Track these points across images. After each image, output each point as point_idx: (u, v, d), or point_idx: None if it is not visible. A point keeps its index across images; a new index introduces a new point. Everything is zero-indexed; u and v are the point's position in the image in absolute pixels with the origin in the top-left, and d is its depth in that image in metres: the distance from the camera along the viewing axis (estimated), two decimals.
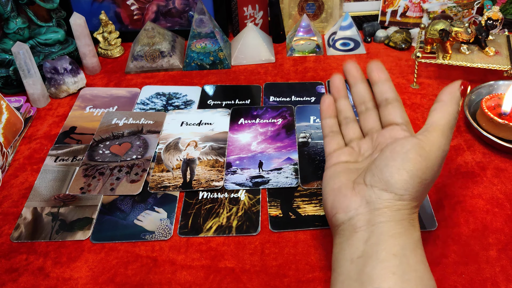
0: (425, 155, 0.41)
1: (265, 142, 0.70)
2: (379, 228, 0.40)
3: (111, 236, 0.57)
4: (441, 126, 0.42)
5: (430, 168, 0.41)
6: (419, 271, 0.38)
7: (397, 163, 0.41)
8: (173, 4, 0.95)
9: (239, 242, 0.56)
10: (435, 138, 0.41)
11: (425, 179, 0.41)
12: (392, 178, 0.40)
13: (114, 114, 0.77)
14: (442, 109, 0.43)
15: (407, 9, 0.94)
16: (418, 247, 0.40)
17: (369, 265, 0.38)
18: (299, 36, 0.90)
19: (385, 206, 0.41)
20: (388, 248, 0.38)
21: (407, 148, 0.41)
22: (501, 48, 0.77)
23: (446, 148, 0.42)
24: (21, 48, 0.75)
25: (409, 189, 0.40)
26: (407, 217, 0.40)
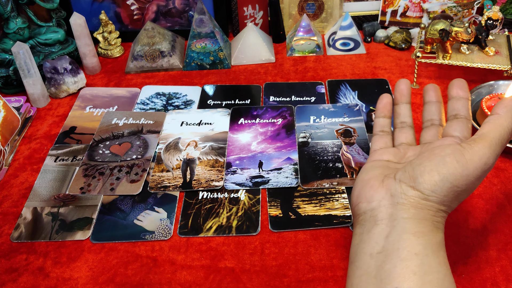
0: (463, 162, 0.39)
1: (265, 142, 0.70)
2: (401, 224, 0.39)
3: (111, 236, 0.57)
4: (489, 138, 0.41)
5: (466, 177, 0.39)
6: (441, 273, 0.37)
7: (431, 164, 0.40)
8: (173, 4, 0.95)
9: (239, 242, 0.56)
10: (479, 149, 0.40)
11: (457, 186, 0.39)
12: (422, 176, 0.40)
13: (114, 114, 0.77)
14: (495, 122, 0.42)
15: (407, 9, 0.94)
16: (441, 249, 0.39)
17: (389, 262, 0.38)
18: (299, 36, 0.90)
19: (409, 202, 0.40)
20: (410, 247, 0.38)
21: (446, 153, 0.40)
22: (501, 48, 0.77)
23: (489, 161, 0.40)
24: (21, 48, 0.75)
25: (437, 191, 0.39)
26: (430, 217, 0.40)
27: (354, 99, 0.78)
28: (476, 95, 0.73)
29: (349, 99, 0.78)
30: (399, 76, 0.83)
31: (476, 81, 0.78)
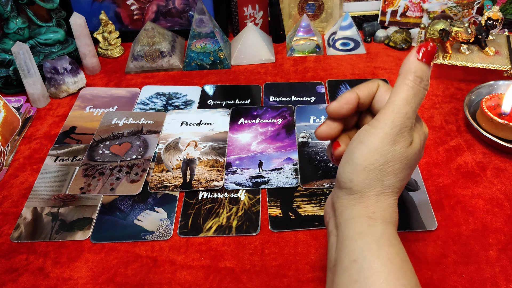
0: (368, 139, 0.37)
1: (265, 142, 0.70)
2: (342, 231, 0.38)
3: (111, 236, 0.57)
4: (391, 103, 0.38)
5: (375, 151, 0.37)
6: (384, 272, 0.35)
7: (344, 157, 0.39)
8: (173, 4, 0.95)
9: (239, 242, 0.56)
10: (383, 117, 0.37)
11: (371, 164, 0.37)
12: (339, 174, 0.39)
13: (114, 114, 0.77)
14: (396, 83, 0.38)
15: (407, 9, 0.94)
16: (383, 245, 0.36)
17: (337, 275, 0.37)
18: (299, 36, 0.90)
19: (342, 204, 0.39)
20: (350, 254, 0.37)
21: (354, 138, 0.39)
22: (501, 48, 0.77)
23: (396, 123, 0.37)
24: (21, 48, 0.75)
25: (354, 179, 0.38)
26: (364, 211, 0.38)
27: None
28: (476, 95, 0.73)
29: None
30: None
31: (476, 81, 0.78)
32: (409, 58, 0.38)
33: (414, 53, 0.38)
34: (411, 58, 0.38)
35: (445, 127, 0.71)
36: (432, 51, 0.38)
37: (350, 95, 0.42)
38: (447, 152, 0.67)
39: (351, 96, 0.42)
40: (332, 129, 0.43)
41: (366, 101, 0.43)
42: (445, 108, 0.75)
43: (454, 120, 0.72)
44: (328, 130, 0.43)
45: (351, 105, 0.42)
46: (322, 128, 0.43)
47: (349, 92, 0.42)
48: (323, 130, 0.43)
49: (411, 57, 0.38)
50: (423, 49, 0.37)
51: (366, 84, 0.43)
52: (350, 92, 0.42)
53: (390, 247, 0.37)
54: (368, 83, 0.43)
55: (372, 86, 0.42)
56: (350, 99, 0.42)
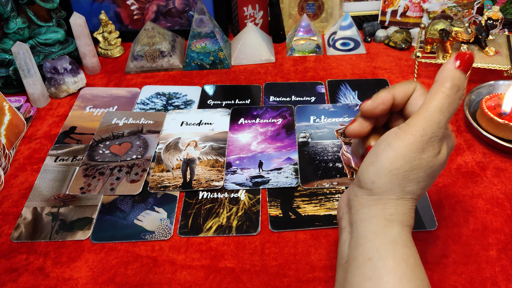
0: (397, 143, 0.37)
1: (265, 142, 0.70)
2: (357, 229, 0.38)
3: (111, 236, 0.57)
4: (425, 109, 0.37)
5: (403, 157, 0.37)
6: (399, 272, 0.35)
7: (368, 158, 0.39)
8: (173, 4, 0.95)
9: (239, 242, 0.56)
10: (415, 123, 0.37)
11: (397, 169, 0.37)
12: (361, 173, 0.39)
13: (114, 114, 0.77)
14: (432, 90, 0.38)
15: (407, 9, 0.94)
16: (398, 246, 0.37)
17: (350, 272, 0.37)
18: (299, 36, 0.90)
19: (359, 203, 0.39)
20: (364, 252, 0.37)
21: (382, 140, 0.39)
22: (501, 48, 0.77)
23: (428, 132, 0.36)
24: (21, 48, 0.75)
25: (377, 181, 0.38)
26: (381, 213, 0.38)
27: (354, 99, 0.78)
28: (476, 95, 0.73)
29: (349, 99, 0.78)
30: (399, 76, 0.83)
31: (476, 81, 0.78)
32: (447, 65, 0.37)
33: (452, 60, 0.37)
34: (449, 65, 0.37)
35: None
36: (470, 60, 0.37)
37: (386, 95, 0.41)
38: None
39: (387, 97, 0.41)
40: (364, 128, 0.42)
41: (401, 103, 0.42)
42: None
43: (454, 120, 0.72)
44: (360, 128, 0.42)
45: (386, 106, 0.41)
46: (354, 126, 0.42)
47: (385, 92, 0.41)
48: (355, 128, 0.42)
49: (449, 64, 0.37)
50: (462, 58, 0.37)
51: (402, 85, 0.42)
52: (386, 92, 0.41)
53: (405, 248, 0.37)
54: (405, 84, 0.42)
55: (408, 88, 0.41)
56: (385, 100, 0.41)
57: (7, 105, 0.70)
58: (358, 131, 0.42)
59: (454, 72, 0.37)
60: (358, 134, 0.43)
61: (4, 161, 0.64)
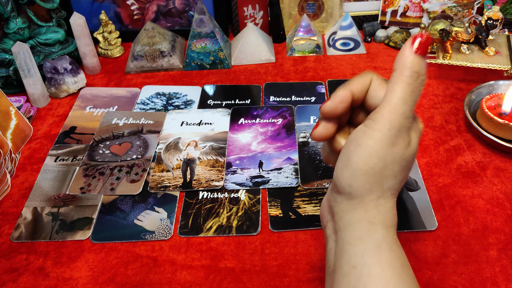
0: (365, 142, 0.35)
1: (265, 142, 0.70)
2: (341, 236, 0.37)
3: (111, 236, 0.57)
4: (388, 101, 0.35)
5: (374, 155, 0.35)
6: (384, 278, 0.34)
7: (341, 161, 0.37)
8: (173, 4, 0.95)
9: (239, 242, 0.56)
10: (380, 117, 0.35)
11: (371, 168, 0.35)
12: (337, 178, 0.37)
13: (114, 114, 0.77)
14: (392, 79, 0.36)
15: (407, 9, 0.94)
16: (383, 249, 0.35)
17: (336, 280, 0.37)
18: (299, 36, 0.90)
19: (340, 209, 0.38)
20: (349, 260, 0.36)
21: (350, 140, 0.37)
22: (501, 48, 0.77)
23: (395, 124, 0.35)
24: (21, 48, 0.75)
25: (353, 184, 0.36)
26: (363, 216, 0.37)
27: None
28: (476, 95, 0.73)
29: None
30: None
31: (476, 81, 0.78)
32: (404, 52, 0.35)
33: (409, 46, 0.35)
34: (406, 52, 0.35)
35: (445, 127, 0.71)
36: (426, 42, 0.35)
37: (344, 93, 0.39)
38: (447, 152, 0.67)
39: (345, 94, 0.39)
40: (329, 130, 0.40)
41: (360, 97, 0.40)
42: (445, 108, 0.75)
43: (454, 120, 0.72)
44: (325, 131, 0.40)
45: (346, 104, 0.39)
46: (318, 130, 0.41)
47: (343, 90, 0.39)
48: (320, 132, 0.40)
49: (406, 50, 0.35)
50: (418, 40, 0.35)
51: (358, 78, 0.40)
52: (344, 89, 0.39)
53: (391, 252, 0.36)
54: (360, 78, 0.40)
55: (364, 80, 0.40)
56: (344, 98, 0.39)
57: (14, 110, 0.70)
58: (324, 134, 0.40)
59: (412, 58, 0.35)
60: (324, 137, 0.41)
61: (10, 165, 0.64)
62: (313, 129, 0.41)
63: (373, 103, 0.40)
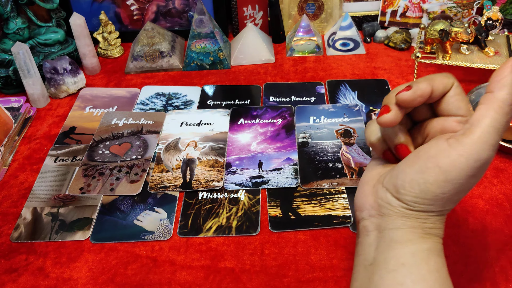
0: (447, 166, 0.34)
1: (265, 142, 0.70)
2: (389, 234, 0.37)
3: (111, 236, 0.57)
4: (480, 128, 0.33)
5: (451, 182, 0.34)
6: (430, 280, 0.35)
7: (412, 171, 0.36)
8: (173, 4, 0.95)
9: (239, 242, 0.56)
10: (469, 144, 0.33)
11: (443, 193, 0.35)
12: (403, 187, 0.36)
13: (114, 114, 0.77)
14: (488, 103, 0.33)
15: (407, 9, 0.94)
16: (431, 255, 0.36)
17: (377, 274, 0.36)
18: (299, 36, 0.90)
19: (394, 213, 0.37)
20: (397, 257, 0.36)
21: (429, 155, 0.35)
22: (501, 48, 0.77)
23: (482, 157, 0.33)
24: (21, 48, 0.75)
25: (419, 202, 0.36)
26: (419, 225, 0.37)
27: (354, 99, 0.78)
28: (476, 95, 0.73)
29: (349, 100, 0.78)
30: (399, 77, 0.83)
31: (476, 81, 0.78)
32: (504, 73, 0.32)
33: (510, 69, 0.32)
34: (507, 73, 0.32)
35: None
36: None
37: (426, 87, 0.37)
38: None
39: (427, 89, 0.37)
40: (398, 118, 0.38)
41: (436, 97, 0.38)
42: None
43: None
44: (395, 118, 0.38)
45: (424, 99, 0.37)
46: (390, 116, 0.38)
47: (426, 84, 0.37)
48: (391, 118, 0.38)
49: (507, 72, 0.32)
50: None
51: (441, 78, 0.38)
52: (427, 84, 0.37)
53: (439, 258, 0.36)
54: (444, 78, 0.38)
55: (447, 83, 0.37)
56: (425, 93, 0.37)
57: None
58: (393, 121, 0.38)
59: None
60: (392, 124, 0.38)
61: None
62: (382, 112, 0.38)
63: (446, 110, 0.38)
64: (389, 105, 0.38)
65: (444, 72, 0.39)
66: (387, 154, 0.41)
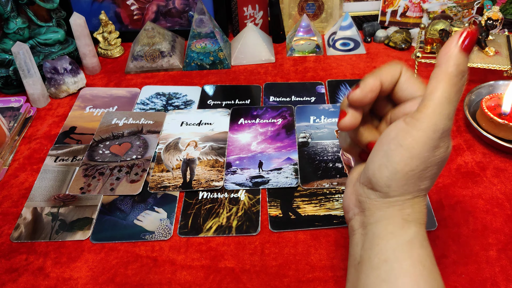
0: (408, 143, 0.34)
1: (265, 142, 0.70)
2: (371, 230, 0.37)
3: (111, 236, 0.57)
4: (433, 100, 0.34)
5: (417, 156, 0.34)
6: (414, 274, 0.34)
7: (379, 157, 0.36)
8: (173, 4, 0.95)
9: (239, 242, 0.56)
10: (424, 117, 0.34)
11: (412, 170, 0.35)
12: (374, 176, 0.36)
13: (114, 114, 0.77)
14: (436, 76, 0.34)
15: (407, 9, 0.94)
16: (415, 246, 0.36)
17: (363, 272, 0.37)
18: (299, 36, 0.90)
19: (373, 205, 0.37)
20: (380, 253, 0.36)
21: (391, 137, 0.36)
22: (501, 48, 0.77)
23: (440, 127, 0.34)
24: (21, 48, 0.75)
25: (392, 185, 0.36)
26: (398, 213, 0.36)
27: None
28: (476, 95, 0.73)
29: None
30: None
31: (476, 81, 0.78)
32: (449, 47, 0.33)
33: (455, 42, 0.33)
34: (452, 48, 0.33)
35: None
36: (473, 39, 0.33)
37: (374, 82, 0.37)
38: None
39: (375, 83, 0.38)
40: (356, 119, 0.39)
41: (388, 88, 0.39)
42: None
43: (454, 120, 0.72)
44: (353, 120, 0.39)
45: (375, 93, 0.38)
46: (347, 119, 0.38)
47: (372, 79, 0.38)
48: (349, 121, 0.38)
49: (452, 47, 0.33)
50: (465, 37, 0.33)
51: (387, 69, 0.38)
52: (373, 78, 0.38)
53: (422, 249, 0.36)
54: (390, 68, 0.38)
55: (394, 71, 0.38)
56: (374, 87, 0.37)
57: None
58: (352, 123, 0.39)
59: (460, 56, 0.33)
60: (352, 126, 0.39)
61: None
62: (340, 118, 0.39)
63: (403, 96, 0.39)
64: (344, 109, 0.39)
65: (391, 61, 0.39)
66: (362, 155, 0.42)
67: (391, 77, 0.38)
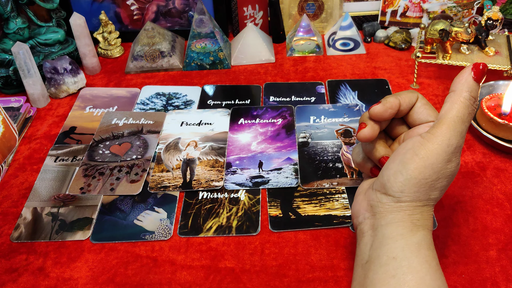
0: (424, 153, 0.39)
1: (265, 142, 0.70)
2: (381, 231, 0.40)
3: (111, 236, 0.57)
4: (448, 119, 0.39)
5: (430, 166, 0.38)
6: (421, 271, 0.37)
7: (395, 165, 0.40)
8: (173, 4, 0.95)
9: (239, 242, 0.56)
10: (438, 133, 0.39)
11: (425, 178, 0.39)
12: (388, 181, 0.40)
13: (114, 114, 0.77)
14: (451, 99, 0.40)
15: (407, 9, 0.94)
16: (421, 248, 0.39)
17: (372, 270, 0.39)
18: (299, 36, 0.90)
19: (385, 209, 0.41)
20: (389, 252, 0.39)
21: (407, 148, 0.40)
22: (501, 48, 0.77)
23: (452, 142, 0.38)
24: (21, 48, 0.75)
25: (406, 190, 0.39)
26: (407, 218, 0.40)
27: (354, 99, 0.78)
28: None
29: (349, 99, 0.78)
30: (399, 76, 0.83)
31: None
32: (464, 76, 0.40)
33: (469, 71, 0.39)
34: (467, 76, 0.39)
35: None
36: (484, 71, 0.39)
37: (394, 100, 0.43)
38: None
39: (395, 102, 0.43)
40: (375, 131, 0.44)
41: (404, 110, 0.44)
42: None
43: None
44: (372, 132, 0.43)
45: (394, 111, 0.43)
46: (367, 130, 0.43)
47: (393, 98, 0.43)
48: (368, 132, 0.43)
49: (466, 75, 0.39)
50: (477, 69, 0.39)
51: (406, 93, 0.44)
52: (394, 97, 0.43)
53: (429, 251, 0.39)
54: (408, 93, 0.44)
55: (412, 97, 0.44)
56: (394, 105, 0.43)
57: (1, 117, 0.68)
58: (371, 135, 0.44)
59: (472, 83, 0.39)
60: (370, 137, 0.44)
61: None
62: (359, 129, 0.44)
63: (417, 119, 0.44)
64: (364, 122, 0.44)
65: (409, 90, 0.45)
66: (374, 170, 0.46)
67: (409, 100, 0.44)
